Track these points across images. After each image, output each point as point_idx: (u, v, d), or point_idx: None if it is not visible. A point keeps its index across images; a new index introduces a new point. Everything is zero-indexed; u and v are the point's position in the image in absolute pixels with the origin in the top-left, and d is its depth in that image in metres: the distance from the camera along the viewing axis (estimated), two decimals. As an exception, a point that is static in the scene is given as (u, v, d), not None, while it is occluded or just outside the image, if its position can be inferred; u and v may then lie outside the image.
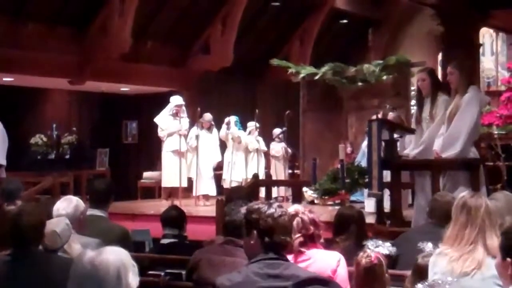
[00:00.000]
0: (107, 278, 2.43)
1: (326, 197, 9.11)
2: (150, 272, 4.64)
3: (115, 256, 2.51)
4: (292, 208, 3.79)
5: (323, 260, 3.62)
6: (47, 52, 11.82)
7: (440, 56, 13.98)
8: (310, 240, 3.69)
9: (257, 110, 13.05)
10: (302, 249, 3.64)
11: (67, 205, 4.73)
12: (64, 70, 12.39)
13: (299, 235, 3.65)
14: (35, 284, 3.51)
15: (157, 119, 11.98)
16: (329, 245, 4.28)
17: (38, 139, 14.74)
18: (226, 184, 12.63)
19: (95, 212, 5.33)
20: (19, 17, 11.32)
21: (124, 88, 14.52)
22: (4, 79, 12.55)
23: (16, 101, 13.91)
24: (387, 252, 3.78)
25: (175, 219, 5.48)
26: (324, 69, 11.90)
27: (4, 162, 8.38)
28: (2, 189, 5.62)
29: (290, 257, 3.60)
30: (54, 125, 15.05)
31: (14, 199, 5.46)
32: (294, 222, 3.62)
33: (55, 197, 8.77)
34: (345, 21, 16.20)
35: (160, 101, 12.73)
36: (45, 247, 3.95)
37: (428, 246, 3.74)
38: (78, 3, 12.10)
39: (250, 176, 11.83)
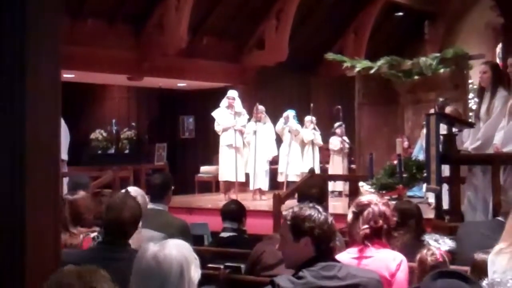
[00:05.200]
0: (171, 274, 2.50)
1: (383, 192, 9.04)
2: (210, 265, 4.71)
3: (178, 250, 2.56)
4: (366, 197, 3.73)
5: (383, 261, 3.52)
6: (106, 49, 12.04)
7: (498, 49, 13.71)
8: (376, 234, 3.58)
9: (311, 104, 13.05)
10: (367, 243, 3.55)
11: None
12: (123, 66, 12.61)
13: (366, 226, 3.56)
14: (120, 277, 3.56)
15: (214, 113, 12.13)
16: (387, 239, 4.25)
17: (98, 134, 15.09)
18: (282, 178, 12.68)
19: (155, 206, 5.44)
20: (79, 14, 11.55)
21: (181, 84, 14.69)
22: (64, 75, 12.82)
23: (77, 97, 14.20)
24: (448, 248, 3.74)
25: (234, 213, 5.56)
26: (379, 62, 11.78)
27: (66, 157, 8.59)
28: (73, 183, 5.78)
29: (355, 249, 3.60)
30: (114, 121, 15.36)
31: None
32: (365, 212, 3.57)
33: (115, 191, 8.95)
34: (400, 13, 16.03)
35: (216, 96, 12.86)
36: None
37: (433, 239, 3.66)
38: (136, 0, 12.30)
39: (305, 170, 11.89)
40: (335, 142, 13.21)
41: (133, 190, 5.11)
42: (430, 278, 2.48)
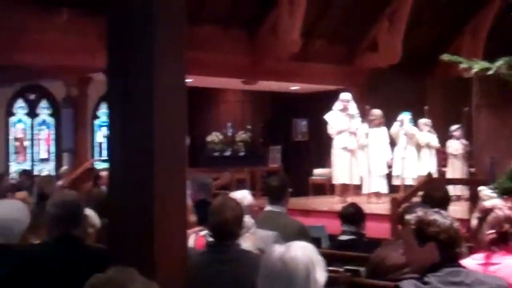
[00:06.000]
0: (297, 275, 2.52)
1: (505, 197, 8.74)
2: (329, 268, 4.69)
3: (304, 252, 2.59)
4: (489, 202, 3.67)
5: (510, 267, 3.39)
6: (222, 54, 12.29)
7: None
8: (502, 240, 3.48)
9: (426, 107, 12.79)
10: (493, 248, 3.46)
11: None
12: (238, 70, 12.84)
13: (492, 231, 3.48)
14: (228, 279, 3.65)
15: (327, 116, 12.11)
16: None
17: (214, 137, 15.46)
18: (397, 182, 12.49)
19: (273, 208, 5.49)
20: (196, 20, 11.84)
21: (294, 87, 14.77)
22: (182, 80, 13.15)
23: (194, 101, 14.55)
24: None
25: (354, 216, 5.55)
26: (498, 63, 11.35)
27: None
28: (198, 184, 5.94)
29: (481, 255, 3.50)
30: (229, 124, 15.68)
31: (208, 193, 5.80)
32: (489, 217, 3.51)
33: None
34: (520, 12, 15.44)
35: (329, 99, 12.83)
36: None
37: None
38: (250, 5, 12.48)
39: (422, 174, 11.70)
40: (455, 146, 12.84)
41: (239, 193, 5.22)
42: None
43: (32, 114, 15.35)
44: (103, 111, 16.00)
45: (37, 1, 9.96)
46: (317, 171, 14.24)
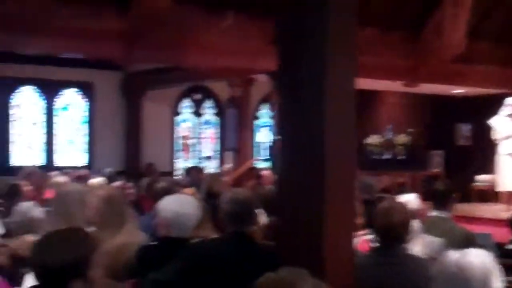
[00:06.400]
0: (473, 281, 2.49)
1: None
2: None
3: (481, 259, 2.56)
4: None
5: None
6: (383, 56, 12.13)
7: None
8: None
9: None
10: None
11: None
12: (399, 72, 12.62)
13: None
14: (395, 282, 3.64)
15: (491, 121, 11.72)
16: None
17: (373, 139, 15.32)
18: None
19: (439, 213, 5.41)
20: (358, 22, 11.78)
21: (456, 90, 14.36)
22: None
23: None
24: None
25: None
26: None
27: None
28: (364, 185, 5.99)
29: None
30: (389, 126, 15.50)
31: (372, 194, 5.83)
32: None
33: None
34: None
35: (494, 103, 12.45)
36: None
37: None
38: (411, 7, 12.25)
39: None
40: None
41: (405, 197, 5.18)
42: None
43: (197, 113, 15.93)
44: (263, 112, 16.32)
45: (203, 3, 10.29)
46: (481, 177, 13.76)
